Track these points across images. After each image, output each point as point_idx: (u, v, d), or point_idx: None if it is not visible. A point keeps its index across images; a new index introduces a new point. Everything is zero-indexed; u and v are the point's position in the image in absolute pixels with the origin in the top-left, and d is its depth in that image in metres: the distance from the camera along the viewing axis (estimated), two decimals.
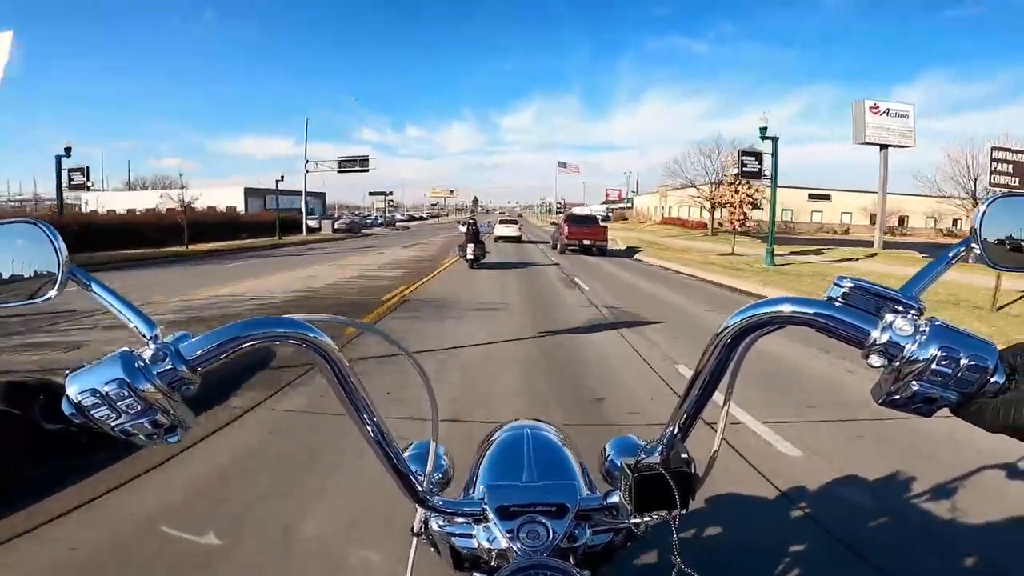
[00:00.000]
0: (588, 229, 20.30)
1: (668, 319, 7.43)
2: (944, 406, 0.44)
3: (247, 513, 2.40)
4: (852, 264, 18.24)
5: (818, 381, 4.55)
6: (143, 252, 18.09)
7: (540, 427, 0.92)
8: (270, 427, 3.38)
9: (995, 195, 0.52)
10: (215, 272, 13.13)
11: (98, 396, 0.46)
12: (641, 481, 0.59)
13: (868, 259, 19.76)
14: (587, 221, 22.21)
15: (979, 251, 0.50)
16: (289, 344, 0.52)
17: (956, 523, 2.26)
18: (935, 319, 0.44)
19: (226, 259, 17.70)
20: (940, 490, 2.50)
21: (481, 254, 14.15)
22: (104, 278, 0.53)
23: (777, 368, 4.71)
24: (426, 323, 6.83)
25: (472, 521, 0.67)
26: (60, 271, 0.51)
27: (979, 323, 6.92)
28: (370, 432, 0.60)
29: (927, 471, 2.79)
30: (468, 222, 14.89)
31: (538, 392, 4.18)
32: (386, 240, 29.45)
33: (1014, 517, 2.29)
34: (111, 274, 11.60)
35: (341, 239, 31.67)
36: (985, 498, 2.43)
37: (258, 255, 19.26)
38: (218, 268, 14.33)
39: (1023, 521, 2.28)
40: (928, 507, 2.41)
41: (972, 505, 2.35)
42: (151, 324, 0.50)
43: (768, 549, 2.06)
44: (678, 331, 6.61)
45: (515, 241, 27.25)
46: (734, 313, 0.50)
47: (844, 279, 0.47)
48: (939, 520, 2.29)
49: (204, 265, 15.33)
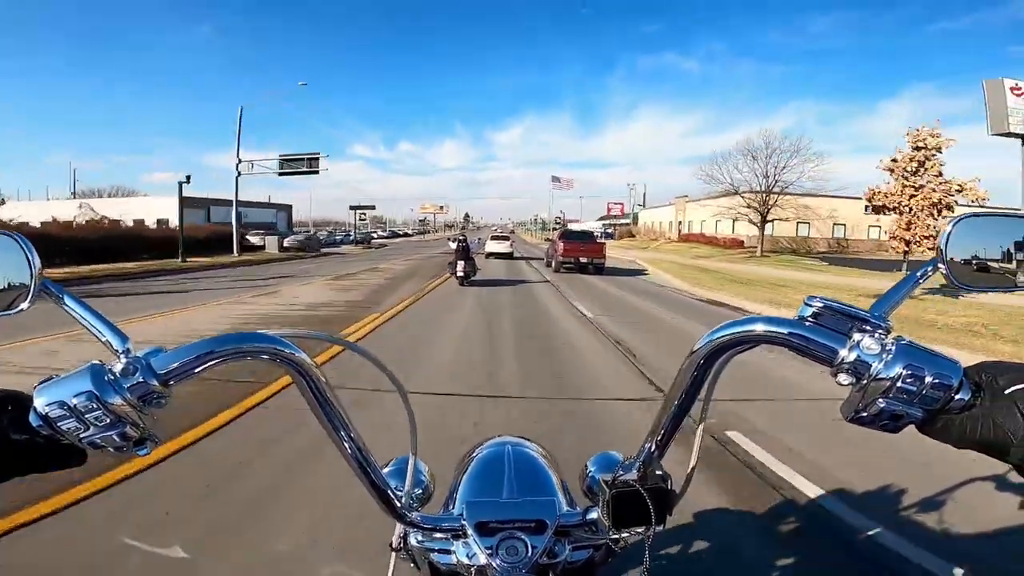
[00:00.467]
0: (585, 246, 19.22)
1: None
2: (910, 422, 0.45)
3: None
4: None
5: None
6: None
7: (521, 444, 0.92)
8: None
9: (960, 215, 0.53)
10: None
11: (66, 408, 0.45)
12: (618, 497, 0.59)
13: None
14: (583, 237, 21.17)
15: (945, 271, 0.51)
16: (263, 359, 0.51)
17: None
18: (901, 338, 0.45)
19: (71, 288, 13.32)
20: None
21: (471, 271, 13.65)
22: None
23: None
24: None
25: (451, 537, 0.67)
26: (32, 283, 0.51)
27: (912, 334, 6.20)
28: (347, 448, 0.59)
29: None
30: (458, 239, 14.28)
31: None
32: (337, 264, 22.66)
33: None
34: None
35: (285, 260, 25.96)
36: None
37: (114, 286, 13.13)
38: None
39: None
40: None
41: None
42: (123, 337, 0.50)
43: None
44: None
45: (506, 258, 26.27)
46: (708, 332, 0.51)
47: (815, 299, 0.49)
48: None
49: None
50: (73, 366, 0.47)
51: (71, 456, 0.49)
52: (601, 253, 19.06)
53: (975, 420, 0.43)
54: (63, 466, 0.49)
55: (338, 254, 32.58)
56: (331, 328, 7.39)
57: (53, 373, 0.48)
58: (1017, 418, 0.41)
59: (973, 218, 0.53)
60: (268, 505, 2.56)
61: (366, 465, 0.61)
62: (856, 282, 16.52)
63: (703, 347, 0.51)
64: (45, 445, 0.47)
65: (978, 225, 0.53)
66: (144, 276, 16.22)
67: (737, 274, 19.46)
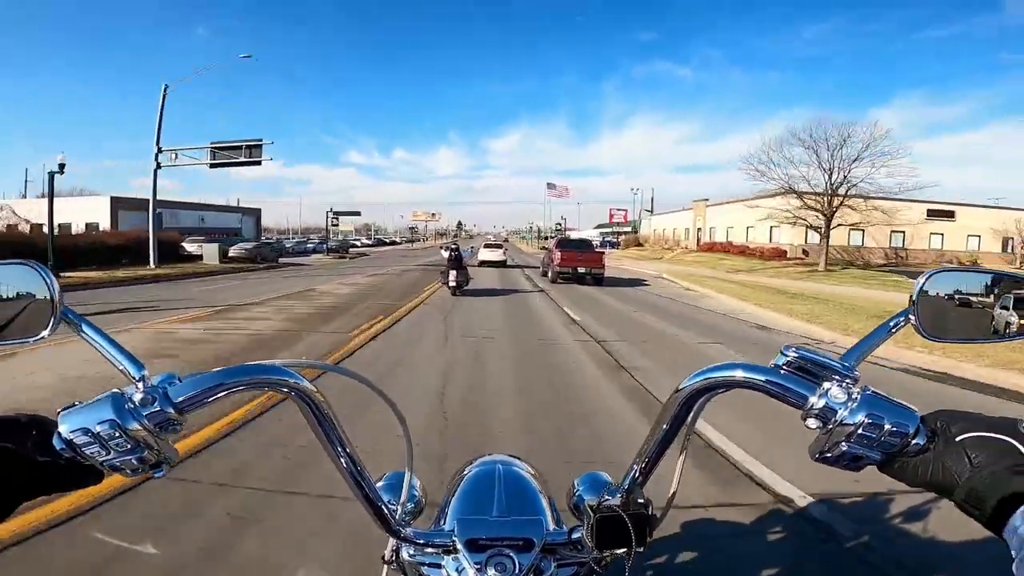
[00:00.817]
0: (583, 255, 18.06)
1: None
2: (870, 463, 0.49)
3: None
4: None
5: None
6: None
7: (512, 462, 0.95)
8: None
9: (932, 270, 0.57)
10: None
11: (89, 435, 0.48)
12: (602, 522, 0.63)
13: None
14: (581, 246, 19.94)
15: (916, 322, 0.55)
16: (274, 390, 0.55)
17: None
18: (867, 388, 0.50)
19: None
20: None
21: (464, 281, 13.18)
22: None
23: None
24: None
25: (442, 552, 0.70)
26: (53, 312, 0.53)
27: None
28: (344, 464, 0.62)
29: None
30: (450, 247, 13.51)
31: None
32: (280, 281, 17.04)
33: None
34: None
35: (217, 274, 20.14)
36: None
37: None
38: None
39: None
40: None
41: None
42: (139, 365, 0.53)
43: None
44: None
45: (500, 266, 25.59)
46: (692, 375, 0.56)
47: (790, 348, 0.53)
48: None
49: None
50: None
51: (89, 476, 0.51)
52: (600, 263, 17.76)
53: (928, 463, 0.47)
54: (81, 486, 0.52)
55: (299, 266, 27.33)
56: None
57: (75, 400, 0.50)
58: (964, 462, 0.45)
59: (944, 273, 0.57)
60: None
61: (361, 481, 0.64)
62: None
63: (687, 388, 0.56)
64: (66, 467, 0.50)
65: (948, 279, 0.57)
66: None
67: (843, 299, 13.59)
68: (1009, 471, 0.42)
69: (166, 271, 19.70)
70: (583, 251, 18.78)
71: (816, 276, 23.04)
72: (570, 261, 17.59)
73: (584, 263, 17.57)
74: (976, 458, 0.44)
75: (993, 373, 5.94)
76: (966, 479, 0.44)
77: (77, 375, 4.78)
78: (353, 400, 3.43)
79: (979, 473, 0.43)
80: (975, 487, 0.43)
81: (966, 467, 0.44)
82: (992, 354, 6.24)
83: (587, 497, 0.71)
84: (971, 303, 0.57)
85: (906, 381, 5.78)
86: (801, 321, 9.88)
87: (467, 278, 13.47)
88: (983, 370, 6.04)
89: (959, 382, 5.82)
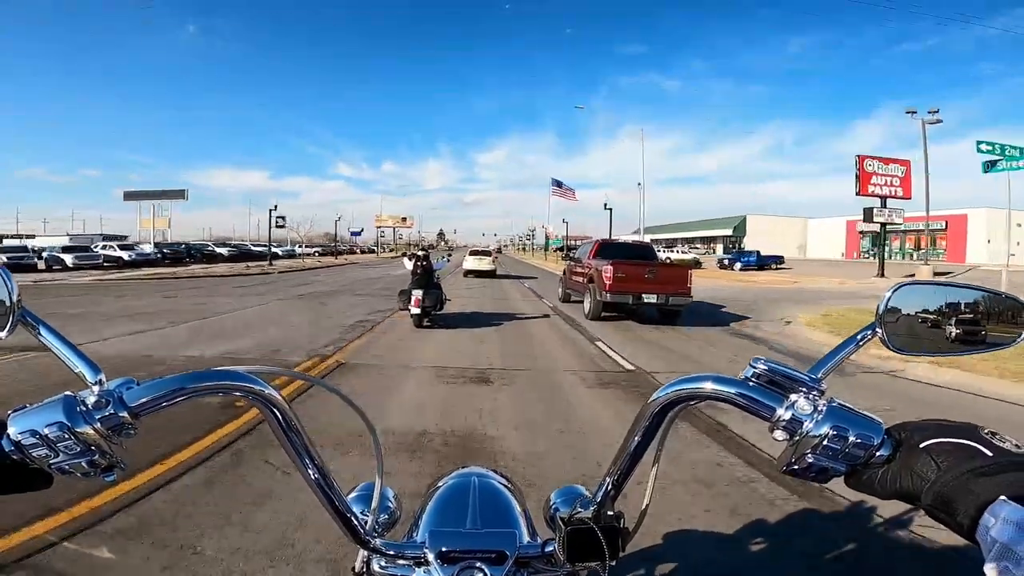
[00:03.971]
0: (654, 272, 10.27)
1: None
2: (836, 475, 0.50)
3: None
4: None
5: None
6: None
7: (487, 475, 0.94)
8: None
9: (898, 284, 0.58)
10: None
11: (38, 437, 0.48)
12: (573, 534, 0.63)
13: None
14: (645, 254, 12.43)
15: (882, 335, 0.56)
16: (234, 396, 0.54)
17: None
18: (832, 400, 0.50)
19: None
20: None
21: (434, 304, 8.97)
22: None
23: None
24: None
25: (413, 564, 0.69)
26: (12, 313, 0.52)
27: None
28: (312, 476, 0.61)
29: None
30: (416, 255, 9.48)
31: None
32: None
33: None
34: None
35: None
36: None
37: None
38: None
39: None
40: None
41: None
42: (96, 369, 0.52)
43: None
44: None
45: (488, 276, 22.73)
46: (663, 387, 0.56)
47: (759, 361, 0.53)
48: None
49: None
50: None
51: (38, 479, 0.50)
52: (684, 285, 10.22)
53: (894, 472, 0.47)
54: (29, 488, 0.51)
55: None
56: None
57: (26, 403, 0.49)
58: (931, 466, 0.45)
59: (910, 287, 0.58)
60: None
61: (329, 492, 0.63)
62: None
63: (657, 400, 0.57)
64: (13, 469, 0.49)
65: (914, 293, 0.58)
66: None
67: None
68: (974, 474, 0.42)
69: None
70: (649, 263, 10.98)
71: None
72: (632, 283, 9.98)
73: (657, 286, 10.00)
74: (942, 463, 0.44)
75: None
76: (930, 484, 0.44)
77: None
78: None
79: (943, 477, 0.44)
80: (941, 492, 0.43)
81: (933, 473, 0.44)
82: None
83: (562, 510, 0.71)
84: (930, 318, 0.58)
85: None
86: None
87: (441, 300, 9.25)
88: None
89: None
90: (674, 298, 10.04)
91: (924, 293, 0.58)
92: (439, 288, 9.43)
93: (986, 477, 0.42)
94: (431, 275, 9.20)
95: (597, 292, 10.28)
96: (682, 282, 10.25)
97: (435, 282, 9.36)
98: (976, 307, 0.58)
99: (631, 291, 9.95)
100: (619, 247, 13.11)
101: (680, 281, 10.25)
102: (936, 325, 0.58)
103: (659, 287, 10.07)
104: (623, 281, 10.00)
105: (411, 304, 8.73)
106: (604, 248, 12.21)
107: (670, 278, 10.32)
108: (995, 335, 0.58)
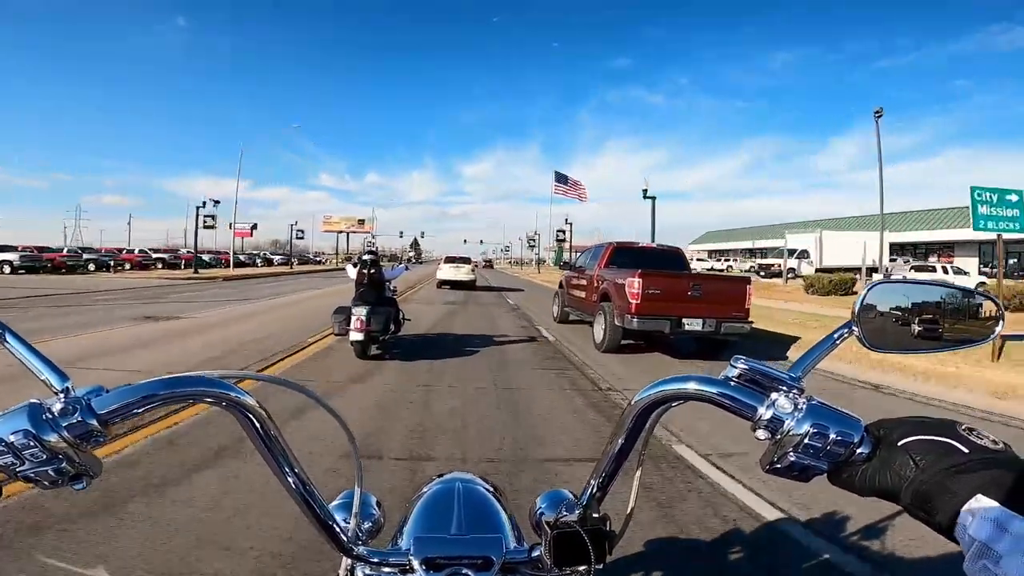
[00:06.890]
0: (697, 286, 7.46)
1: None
2: (818, 473, 0.50)
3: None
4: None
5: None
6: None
7: (473, 481, 0.94)
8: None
9: (875, 282, 0.59)
10: None
11: (3, 445, 0.47)
12: (559, 538, 0.62)
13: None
14: (670, 261, 9.18)
15: (858, 333, 0.57)
16: (207, 403, 0.52)
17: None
18: (812, 399, 0.50)
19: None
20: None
21: (384, 328, 6.48)
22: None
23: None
24: None
25: (398, 572, 0.68)
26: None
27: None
28: (292, 484, 0.60)
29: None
30: (361, 260, 7.11)
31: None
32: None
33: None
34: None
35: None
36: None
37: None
38: None
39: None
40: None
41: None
42: (63, 377, 0.51)
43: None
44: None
45: (468, 288, 19.94)
46: (645, 387, 0.56)
47: (739, 360, 0.54)
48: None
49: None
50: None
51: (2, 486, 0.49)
52: (742, 306, 7.48)
53: (875, 470, 0.47)
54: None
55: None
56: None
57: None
58: (909, 464, 0.45)
59: (886, 284, 0.59)
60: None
61: (311, 500, 0.61)
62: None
63: (640, 401, 0.56)
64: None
65: (890, 291, 0.59)
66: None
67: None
68: (951, 471, 0.43)
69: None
70: (691, 275, 8.35)
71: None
72: (669, 302, 7.27)
73: (704, 307, 7.31)
74: (921, 460, 0.45)
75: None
76: (909, 482, 0.44)
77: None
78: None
79: (921, 475, 0.44)
80: (919, 489, 0.44)
81: (911, 471, 0.45)
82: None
83: (547, 514, 0.71)
84: (901, 316, 0.59)
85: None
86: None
87: (392, 320, 6.71)
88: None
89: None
90: (728, 323, 7.24)
91: (901, 291, 0.60)
92: (393, 304, 7.07)
93: (963, 475, 0.42)
94: (382, 287, 6.96)
95: (615, 315, 7.47)
96: (738, 302, 7.37)
97: (388, 296, 7.07)
98: (940, 306, 0.60)
99: (668, 315, 7.11)
100: (639, 253, 9.22)
101: (736, 300, 7.39)
102: (904, 323, 0.59)
103: (706, 309, 7.22)
104: (656, 300, 7.10)
105: (351, 326, 6.30)
106: (619, 253, 8.99)
107: (722, 296, 7.42)
108: (959, 333, 0.59)
